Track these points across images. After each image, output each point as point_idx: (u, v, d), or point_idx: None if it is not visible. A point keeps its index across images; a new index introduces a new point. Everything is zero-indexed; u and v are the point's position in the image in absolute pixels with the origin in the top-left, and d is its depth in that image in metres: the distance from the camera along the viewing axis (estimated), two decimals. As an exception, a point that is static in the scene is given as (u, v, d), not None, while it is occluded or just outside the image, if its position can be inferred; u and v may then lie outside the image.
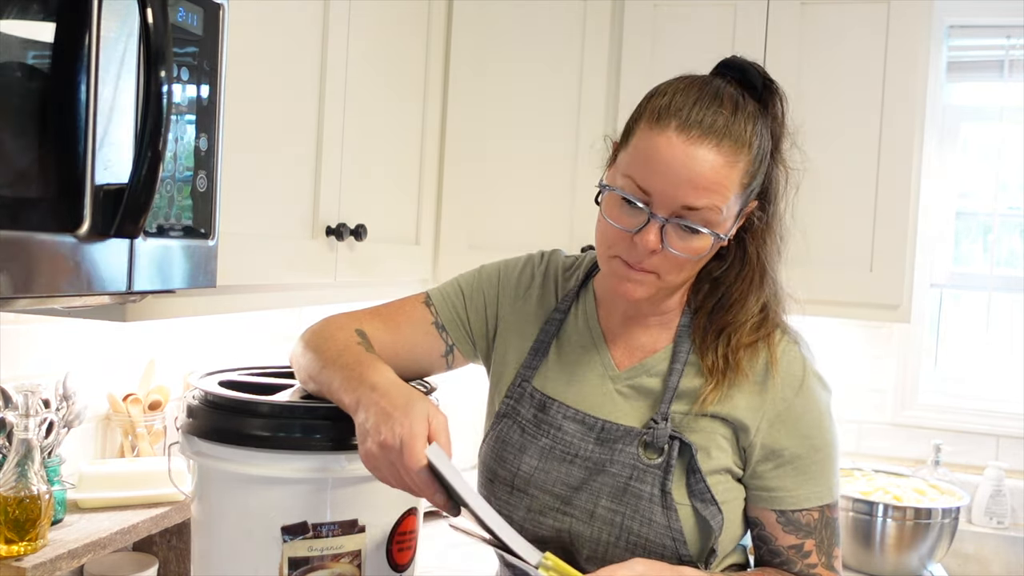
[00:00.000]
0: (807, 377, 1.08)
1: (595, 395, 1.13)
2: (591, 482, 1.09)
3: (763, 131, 1.03)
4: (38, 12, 0.80)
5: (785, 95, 1.09)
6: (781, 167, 1.09)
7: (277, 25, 1.33)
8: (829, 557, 1.10)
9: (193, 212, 1.00)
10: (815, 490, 1.08)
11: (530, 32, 2.05)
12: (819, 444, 1.08)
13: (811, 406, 1.08)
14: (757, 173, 1.04)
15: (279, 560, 1.07)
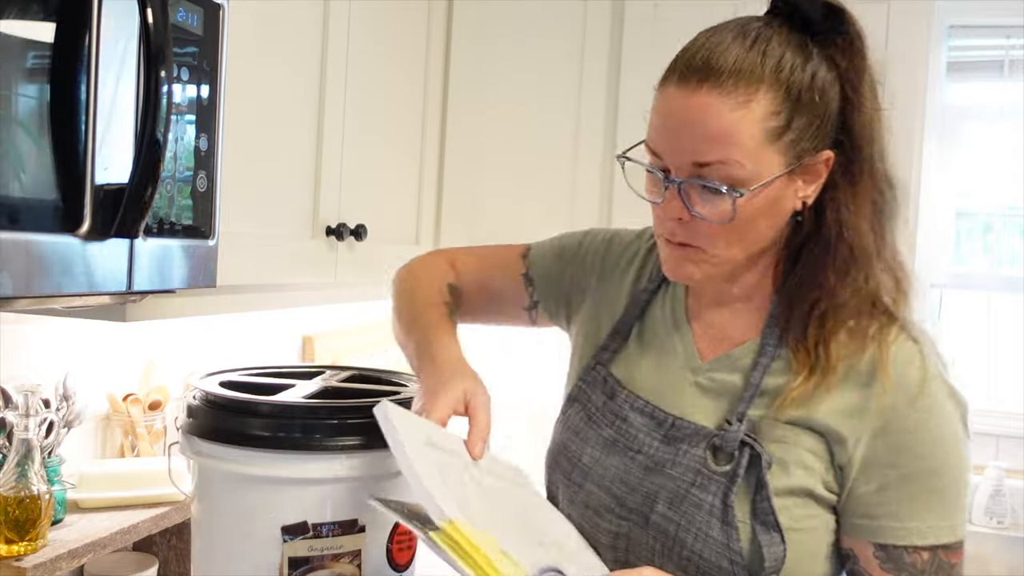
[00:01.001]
0: (928, 383, 0.88)
1: (671, 386, 0.99)
2: (648, 482, 0.95)
3: (802, 63, 0.86)
4: (38, 12, 0.80)
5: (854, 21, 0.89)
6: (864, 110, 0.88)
7: (277, 25, 1.33)
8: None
9: (193, 212, 1.00)
10: (928, 524, 0.87)
11: (530, 32, 2.05)
12: (938, 467, 0.87)
13: (931, 419, 0.87)
14: (796, 114, 0.86)
15: (279, 560, 1.07)
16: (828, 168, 0.89)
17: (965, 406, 0.90)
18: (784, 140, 0.86)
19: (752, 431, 0.90)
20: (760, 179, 0.86)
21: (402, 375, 1.36)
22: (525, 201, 2.07)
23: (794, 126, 0.86)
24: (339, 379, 1.31)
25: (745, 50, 0.87)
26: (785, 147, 0.86)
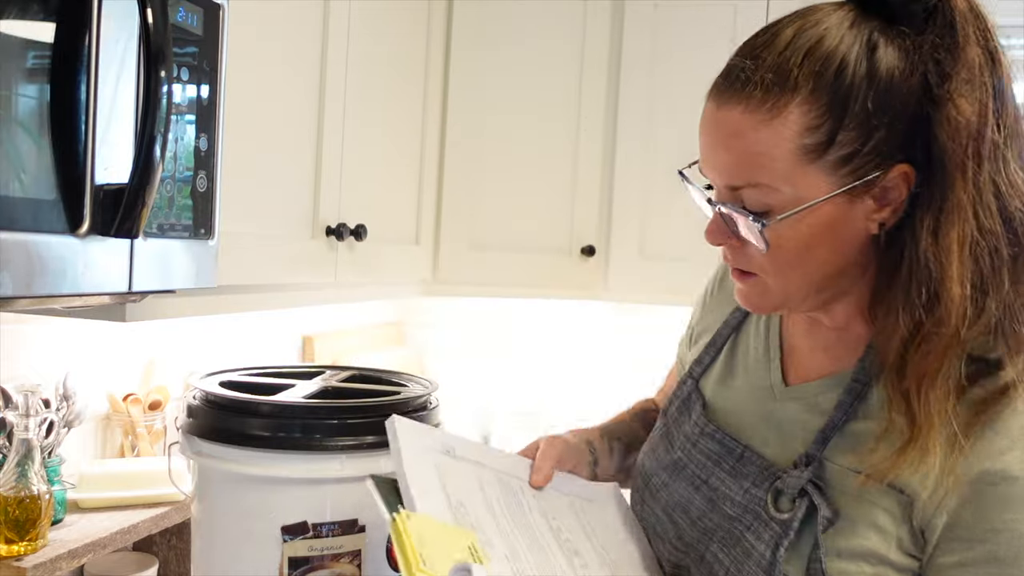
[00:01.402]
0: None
1: (751, 412, 0.89)
2: (707, 519, 0.87)
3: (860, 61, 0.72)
4: (38, 12, 0.80)
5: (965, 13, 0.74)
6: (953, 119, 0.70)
7: (277, 25, 1.33)
8: None
9: (193, 212, 1.00)
10: None
11: (530, 33, 2.05)
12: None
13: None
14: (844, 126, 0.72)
15: (279, 560, 1.07)
16: (909, 186, 0.73)
17: None
18: (829, 158, 0.73)
19: (821, 478, 0.78)
20: (801, 203, 0.74)
21: (402, 375, 1.36)
22: (525, 201, 2.07)
23: (842, 140, 0.72)
24: (339, 379, 1.31)
25: (782, 50, 0.74)
26: (832, 165, 0.73)
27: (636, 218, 2.08)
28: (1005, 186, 0.71)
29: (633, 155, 2.08)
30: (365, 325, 2.46)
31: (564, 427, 2.39)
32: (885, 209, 0.75)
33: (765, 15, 1.99)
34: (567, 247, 2.09)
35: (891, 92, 0.72)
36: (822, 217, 0.74)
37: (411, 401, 1.18)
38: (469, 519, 0.87)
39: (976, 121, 0.70)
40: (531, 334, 2.56)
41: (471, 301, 2.53)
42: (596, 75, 2.08)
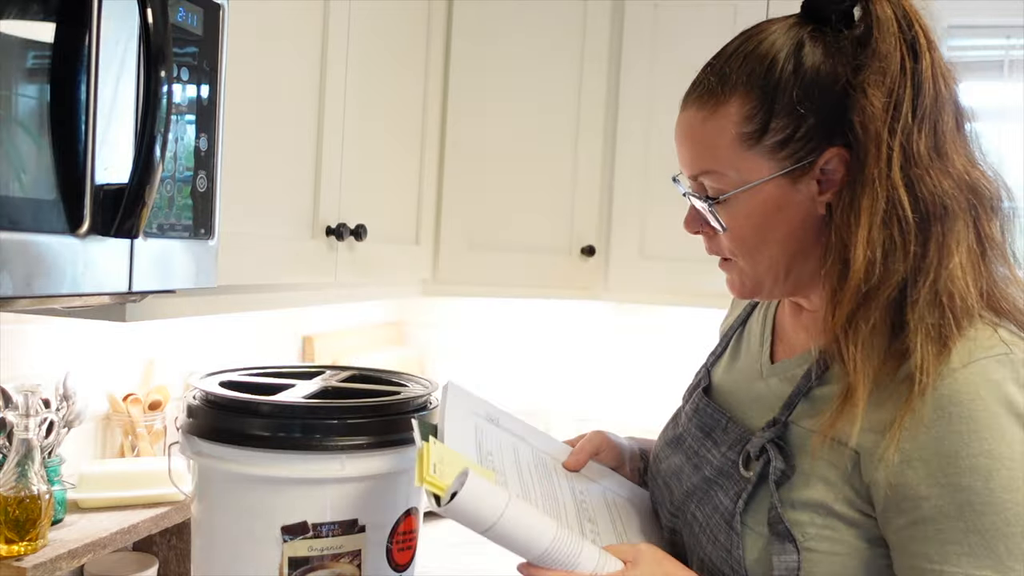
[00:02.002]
0: (985, 401, 0.75)
1: (743, 389, 0.97)
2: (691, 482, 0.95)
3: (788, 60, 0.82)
4: (38, 12, 0.80)
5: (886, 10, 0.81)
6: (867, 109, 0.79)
7: (277, 25, 1.33)
8: None
9: (193, 212, 1.00)
10: (974, 571, 0.74)
11: (530, 32, 2.05)
12: (990, 503, 0.74)
13: (981, 444, 0.74)
14: (775, 115, 0.82)
15: (279, 560, 1.07)
16: (844, 167, 0.82)
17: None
18: (766, 143, 0.83)
19: (784, 439, 0.86)
20: (745, 184, 0.85)
21: (402, 375, 1.36)
22: (525, 201, 2.07)
23: (775, 127, 0.83)
24: (339, 379, 1.31)
25: (727, 58, 0.86)
26: (769, 150, 0.84)
27: (636, 218, 2.08)
28: (914, 164, 0.79)
29: (633, 155, 2.08)
30: (365, 325, 2.46)
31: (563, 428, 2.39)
32: (828, 192, 0.84)
33: (765, 15, 1.99)
34: (567, 247, 2.09)
35: (815, 84, 0.82)
36: (768, 198, 0.85)
37: (411, 401, 1.18)
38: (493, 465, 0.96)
39: (887, 107, 0.79)
40: (531, 334, 2.56)
41: (471, 301, 2.54)
42: (596, 75, 2.08)
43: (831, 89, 0.82)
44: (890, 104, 0.79)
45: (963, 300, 0.79)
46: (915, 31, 0.81)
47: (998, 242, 0.83)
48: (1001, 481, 0.74)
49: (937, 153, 0.81)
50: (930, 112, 0.80)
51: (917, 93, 0.80)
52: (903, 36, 0.81)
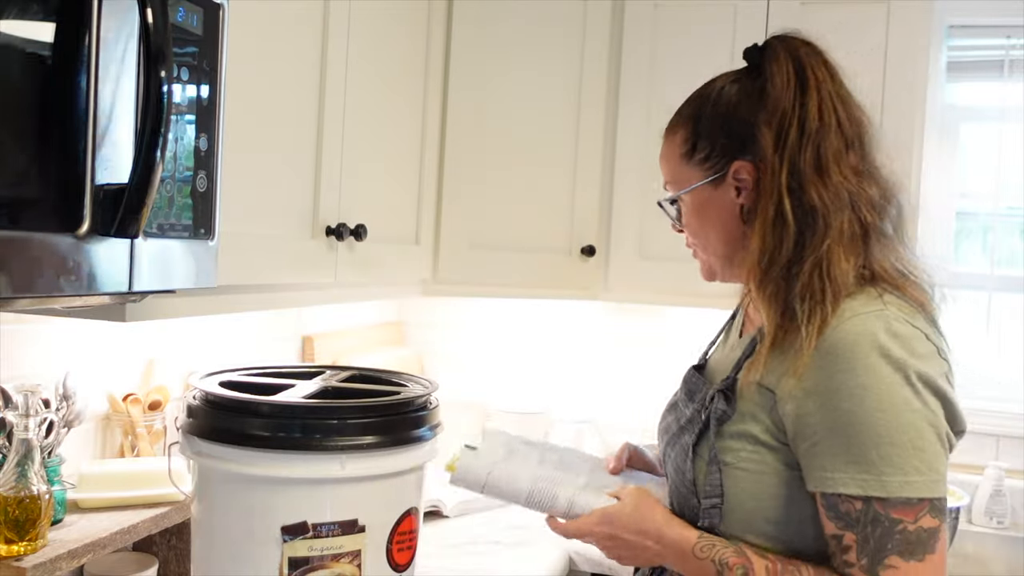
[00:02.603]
0: (859, 345, 0.95)
1: (723, 362, 1.19)
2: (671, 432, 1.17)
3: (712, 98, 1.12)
4: (38, 12, 0.80)
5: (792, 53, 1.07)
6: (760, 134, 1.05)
7: (277, 25, 1.33)
8: (874, 562, 0.94)
9: (193, 212, 1.00)
10: (856, 475, 0.94)
11: (530, 32, 2.05)
12: (858, 420, 0.94)
13: (854, 376, 0.95)
14: (700, 138, 1.11)
15: (279, 560, 1.07)
16: (752, 178, 1.07)
17: (907, 365, 0.95)
18: (696, 159, 1.12)
19: (732, 389, 1.07)
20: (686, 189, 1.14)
21: (402, 375, 1.36)
22: (525, 201, 2.07)
23: (700, 147, 1.12)
24: (339, 379, 1.31)
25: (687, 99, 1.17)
26: (698, 163, 1.12)
27: (636, 218, 2.08)
28: (798, 178, 1.03)
29: (633, 155, 2.08)
30: (365, 325, 2.46)
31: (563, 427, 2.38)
32: (742, 196, 1.09)
33: (765, 15, 1.99)
34: (567, 247, 2.09)
35: (728, 115, 1.10)
36: (702, 200, 1.13)
37: (411, 401, 1.18)
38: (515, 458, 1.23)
39: (777, 135, 1.04)
40: (531, 334, 2.56)
41: (471, 301, 2.54)
42: (596, 75, 2.08)
43: (738, 119, 1.08)
44: (780, 133, 1.04)
45: (839, 273, 1.00)
46: (807, 75, 1.06)
47: (878, 228, 1.05)
48: (872, 404, 0.94)
49: (818, 169, 1.03)
50: (813, 138, 1.04)
51: (803, 124, 1.04)
52: (796, 79, 1.06)
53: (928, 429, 0.95)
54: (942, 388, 0.97)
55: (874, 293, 1.01)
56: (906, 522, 0.94)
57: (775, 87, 1.06)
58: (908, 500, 0.94)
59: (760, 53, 1.10)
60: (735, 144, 1.08)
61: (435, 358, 2.63)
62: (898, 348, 0.96)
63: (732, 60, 2.01)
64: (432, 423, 1.20)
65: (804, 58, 1.07)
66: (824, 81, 1.06)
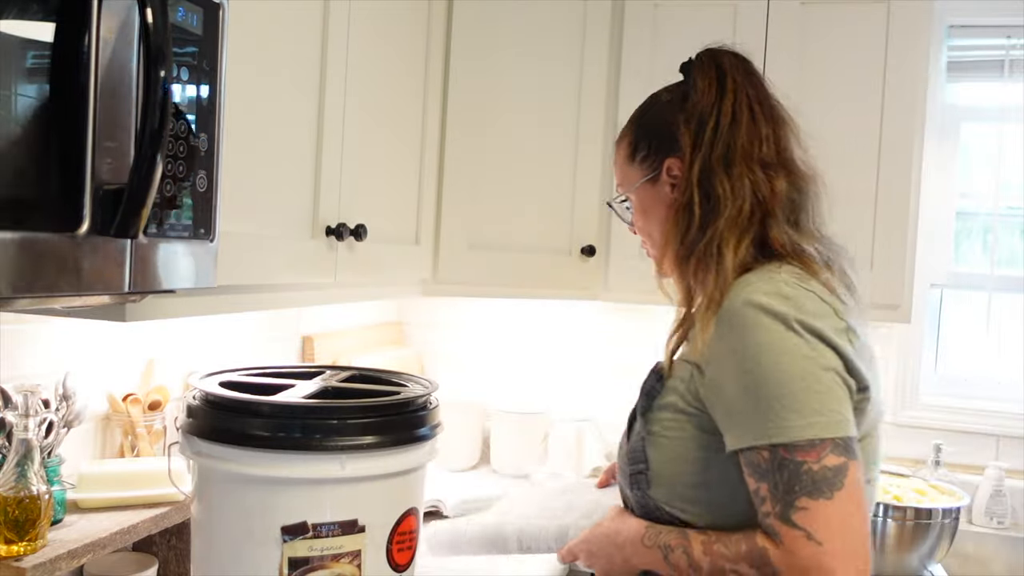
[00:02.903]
0: (746, 309, 1.03)
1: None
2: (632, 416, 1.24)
3: (649, 107, 1.25)
4: (38, 12, 0.80)
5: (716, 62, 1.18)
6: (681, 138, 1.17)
7: (277, 25, 1.33)
8: (786, 507, 0.97)
9: (193, 212, 1.00)
10: (759, 427, 1.00)
11: (530, 32, 2.05)
12: (757, 376, 1.00)
13: (746, 337, 1.02)
14: (640, 141, 1.23)
15: (279, 560, 1.07)
16: (681, 174, 1.17)
17: (788, 316, 1.01)
18: (637, 159, 1.23)
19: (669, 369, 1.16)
20: (632, 186, 1.25)
21: (402, 375, 1.36)
22: (525, 201, 2.07)
23: (640, 148, 1.23)
24: (339, 379, 1.31)
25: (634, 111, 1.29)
26: (639, 163, 1.23)
27: (636, 218, 2.08)
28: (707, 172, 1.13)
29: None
30: (365, 325, 2.46)
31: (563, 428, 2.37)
32: (675, 191, 1.19)
33: (765, 15, 1.99)
34: (567, 247, 2.09)
35: (660, 119, 1.21)
36: (644, 197, 1.23)
37: (411, 401, 1.18)
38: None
39: (694, 135, 1.15)
40: (531, 334, 2.56)
41: (471, 301, 2.53)
42: (596, 75, 2.08)
43: (667, 121, 1.19)
44: (698, 131, 1.15)
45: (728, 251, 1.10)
46: (726, 80, 1.16)
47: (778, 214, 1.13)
48: (767, 359, 1.00)
49: (725, 162, 1.13)
50: (724, 135, 1.14)
51: (717, 123, 1.14)
52: (716, 84, 1.16)
53: (824, 373, 1.00)
54: (831, 339, 1.01)
55: (772, 266, 1.09)
56: (810, 463, 0.97)
57: (696, 92, 1.17)
58: (810, 441, 0.97)
59: (690, 64, 1.21)
60: (666, 144, 1.19)
61: (435, 358, 2.63)
62: (780, 304, 1.02)
63: (732, 60, 2.02)
64: (432, 423, 1.20)
65: (726, 66, 1.17)
66: (742, 86, 1.16)
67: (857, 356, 1.03)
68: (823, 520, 0.96)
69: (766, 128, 1.15)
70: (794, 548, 0.96)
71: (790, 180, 1.14)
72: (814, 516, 0.96)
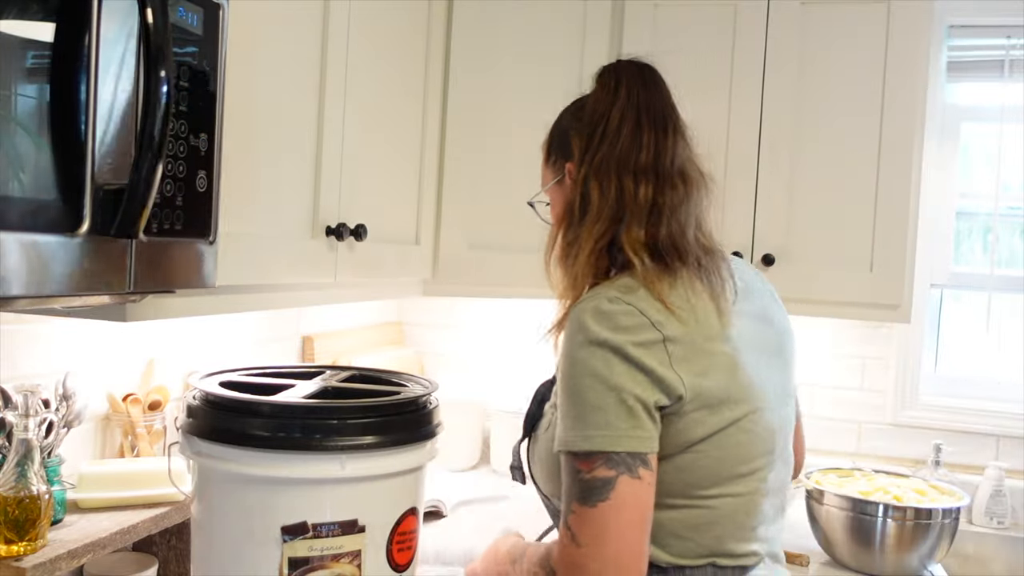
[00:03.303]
0: (574, 319, 1.10)
1: None
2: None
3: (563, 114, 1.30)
4: (38, 12, 0.80)
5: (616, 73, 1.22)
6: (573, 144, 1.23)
7: (277, 25, 1.33)
8: (566, 510, 1.06)
9: (193, 212, 1.00)
10: (560, 433, 1.09)
11: (530, 32, 2.05)
12: (565, 386, 1.09)
13: (566, 346, 1.10)
14: (551, 148, 1.30)
15: (279, 560, 1.07)
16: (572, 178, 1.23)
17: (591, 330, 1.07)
18: (549, 162, 1.31)
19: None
20: (545, 187, 1.32)
21: (402, 375, 1.36)
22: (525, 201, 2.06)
23: (551, 152, 1.30)
24: (339, 379, 1.31)
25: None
26: (551, 166, 1.30)
27: (636, 218, 2.08)
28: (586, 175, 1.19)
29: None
30: (365, 325, 2.46)
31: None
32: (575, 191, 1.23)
33: (765, 15, 1.99)
34: (567, 247, 2.09)
35: (563, 125, 1.29)
36: (553, 198, 1.30)
37: (411, 401, 1.18)
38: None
39: (581, 141, 1.21)
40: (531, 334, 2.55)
41: (471, 301, 2.53)
42: (596, 75, 2.08)
43: (567, 129, 1.27)
44: (587, 138, 1.20)
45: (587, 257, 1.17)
46: (620, 90, 1.19)
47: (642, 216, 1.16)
48: (572, 372, 1.08)
49: (603, 167, 1.17)
50: (607, 143, 1.18)
51: (603, 131, 1.18)
52: (611, 94, 1.20)
53: (609, 392, 1.05)
54: (633, 355, 1.06)
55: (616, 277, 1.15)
56: (583, 472, 1.05)
57: (591, 102, 1.22)
58: (588, 453, 1.05)
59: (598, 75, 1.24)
60: (566, 150, 1.25)
61: (435, 358, 2.63)
62: (592, 320, 1.08)
63: (732, 60, 2.02)
64: (432, 423, 1.20)
65: (623, 76, 1.20)
66: (634, 95, 1.19)
67: (674, 365, 1.07)
68: (587, 525, 1.04)
69: (649, 136, 1.17)
70: (564, 547, 1.06)
71: (659, 187, 1.16)
72: (580, 520, 1.04)
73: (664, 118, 1.20)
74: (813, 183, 1.98)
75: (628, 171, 1.16)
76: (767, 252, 1.97)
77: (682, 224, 1.17)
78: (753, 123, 1.99)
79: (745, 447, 1.11)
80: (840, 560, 1.85)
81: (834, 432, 2.37)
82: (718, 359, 1.10)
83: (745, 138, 2.00)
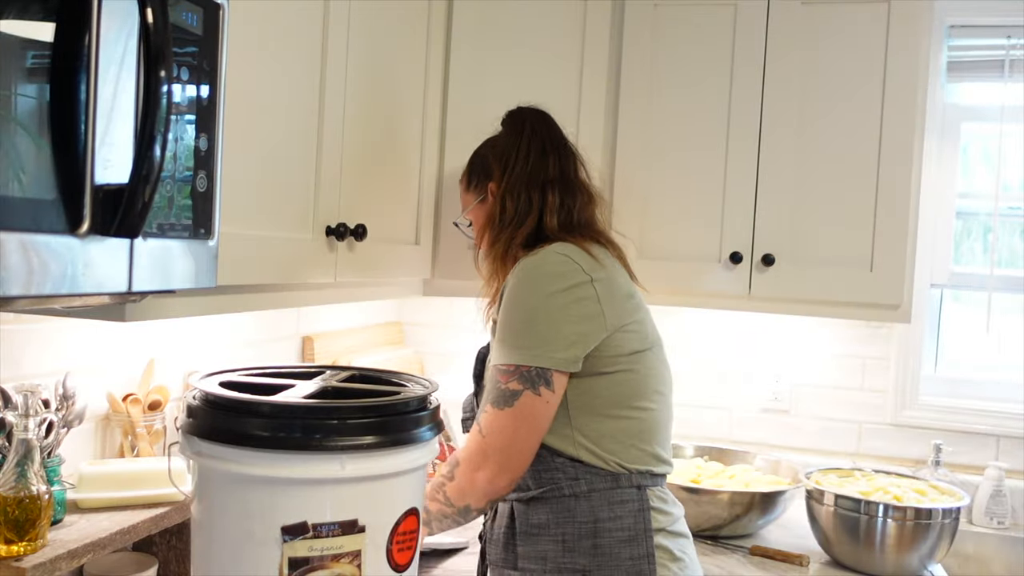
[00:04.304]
0: (515, 274, 1.41)
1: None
2: None
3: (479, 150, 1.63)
4: (38, 12, 0.80)
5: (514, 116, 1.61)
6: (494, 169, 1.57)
7: (277, 25, 1.33)
8: (481, 410, 1.40)
9: (193, 212, 1.00)
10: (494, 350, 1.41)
11: (530, 32, 2.05)
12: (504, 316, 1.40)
13: (508, 291, 1.40)
14: (471, 175, 1.63)
15: (279, 560, 1.07)
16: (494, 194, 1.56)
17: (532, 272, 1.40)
18: (471, 188, 1.62)
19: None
20: (466, 210, 1.65)
21: (402, 375, 1.36)
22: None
23: (472, 179, 1.62)
24: (339, 379, 1.31)
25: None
26: (472, 191, 1.62)
27: (636, 218, 2.08)
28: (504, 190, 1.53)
29: (633, 155, 2.08)
30: (365, 325, 2.46)
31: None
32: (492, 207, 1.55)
33: (765, 15, 1.99)
34: (567, 247, 2.08)
35: (482, 156, 1.62)
36: (476, 215, 1.61)
37: (411, 401, 1.18)
38: None
39: (498, 163, 1.56)
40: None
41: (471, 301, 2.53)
42: (596, 75, 2.08)
43: (487, 156, 1.60)
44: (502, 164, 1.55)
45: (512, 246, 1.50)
46: (524, 127, 1.57)
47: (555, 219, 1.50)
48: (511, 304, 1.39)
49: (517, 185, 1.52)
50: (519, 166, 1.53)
51: (516, 157, 1.54)
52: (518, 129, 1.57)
53: (541, 316, 1.36)
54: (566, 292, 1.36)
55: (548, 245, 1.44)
56: (499, 382, 1.37)
57: (503, 136, 1.59)
58: (507, 366, 1.37)
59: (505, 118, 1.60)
60: (487, 172, 1.58)
61: (435, 358, 2.63)
62: (532, 267, 1.40)
63: (732, 60, 2.03)
64: (432, 423, 1.20)
65: (526, 117, 1.58)
66: (536, 130, 1.56)
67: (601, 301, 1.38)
68: (491, 422, 1.37)
69: (552, 159, 1.53)
70: (472, 436, 1.40)
71: (567, 192, 1.52)
72: (488, 418, 1.37)
73: (564, 145, 1.57)
74: (813, 183, 1.98)
75: (538, 184, 1.51)
76: (767, 252, 1.97)
77: (587, 219, 1.53)
78: (753, 123, 1.99)
79: (658, 371, 1.45)
80: (840, 560, 1.85)
81: (834, 432, 2.38)
82: (635, 300, 1.46)
83: (745, 138, 2.00)
